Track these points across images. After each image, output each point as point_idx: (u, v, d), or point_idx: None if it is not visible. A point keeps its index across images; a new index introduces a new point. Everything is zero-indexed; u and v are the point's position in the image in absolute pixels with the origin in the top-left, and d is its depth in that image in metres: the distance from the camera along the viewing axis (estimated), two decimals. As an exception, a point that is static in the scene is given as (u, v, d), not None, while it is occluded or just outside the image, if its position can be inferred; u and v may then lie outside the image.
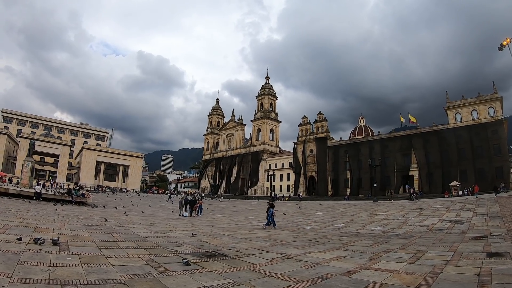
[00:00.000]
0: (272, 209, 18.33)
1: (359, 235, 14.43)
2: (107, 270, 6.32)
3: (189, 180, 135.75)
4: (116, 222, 16.75)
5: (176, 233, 13.83)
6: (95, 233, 11.79)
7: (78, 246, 8.61)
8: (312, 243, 11.85)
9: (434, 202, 31.79)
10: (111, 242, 9.96)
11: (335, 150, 68.00)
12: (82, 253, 7.68)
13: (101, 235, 11.41)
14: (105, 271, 6.23)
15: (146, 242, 10.55)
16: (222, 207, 38.10)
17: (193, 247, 10.20)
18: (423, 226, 16.64)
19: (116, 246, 9.34)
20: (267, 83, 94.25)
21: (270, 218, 18.13)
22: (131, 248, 9.15)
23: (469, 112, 52.18)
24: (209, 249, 9.82)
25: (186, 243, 11.05)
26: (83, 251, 7.94)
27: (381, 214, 24.30)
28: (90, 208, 25.43)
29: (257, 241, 12.15)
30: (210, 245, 10.76)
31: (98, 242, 9.62)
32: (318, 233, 15.59)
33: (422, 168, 54.58)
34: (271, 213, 18.20)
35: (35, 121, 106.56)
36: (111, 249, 8.69)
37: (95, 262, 6.85)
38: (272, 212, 18.19)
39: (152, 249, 9.23)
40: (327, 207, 34.49)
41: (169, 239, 11.83)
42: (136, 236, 12.03)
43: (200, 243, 11.11)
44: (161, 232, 13.80)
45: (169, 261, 7.66)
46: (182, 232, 14.21)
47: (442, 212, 22.09)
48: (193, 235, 12.98)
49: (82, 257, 7.25)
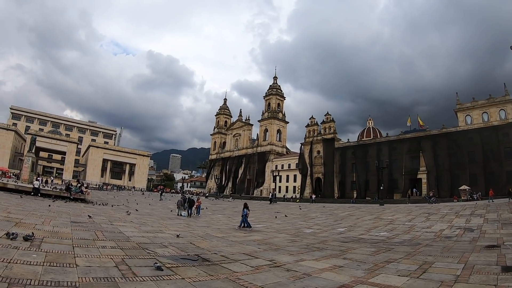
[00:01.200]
0: (246, 210, 17.86)
1: (361, 241, 13.46)
2: (68, 271, 5.86)
3: (195, 180, 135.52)
4: (107, 219, 16.20)
5: (165, 233, 13.18)
6: (78, 230, 11.30)
7: (51, 243, 8.19)
8: (308, 249, 10.96)
9: (442, 206, 30.47)
10: (90, 241, 9.43)
11: (342, 152, 66.74)
12: (51, 251, 7.28)
13: (83, 232, 10.93)
14: (64, 272, 5.78)
15: (128, 242, 9.97)
16: (224, 207, 37.36)
17: (177, 249, 9.55)
18: (431, 233, 15.54)
19: (93, 245, 8.83)
20: (275, 83, 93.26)
21: (244, 219, 17.73)
22: (107, 248, 8.63)
23: (479, 114, 50.69)
24: (192, 252, 9.12)
25: (171, 244, 10.42)
26: (53, 249, 7.53)
27: (387, 218, 23.15)
28: (87, 205, 25.03)
29: (249, 245, 11.34)
30: (196, 248, 10.08)
31: (75, 240, 9.18)
32: (318, 237, 14.68)
33: (430, 171, 53.17)
34: (245, 214, 17.79)
35: (44, 118, 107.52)
36: (85, 248, 8.22)
37: (59, 261, 6.42)
38: (246, 213, 17.73)
39: (130, 250, 8.68)
40: (331, 209, 33.43)
41: (154, 239, 11.20)
42: (121, 235, 11.45)
43: (186, 245, 10.43)
44: (150, 232, 13.16)
45: (142, 264, 7.05)
46: (172, 233, 13.53)
47: (451, 218, 20.85)
48: (177, 236, 12.29)
49: (49, 255, 6.84)
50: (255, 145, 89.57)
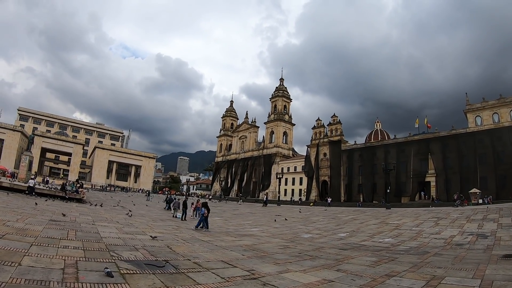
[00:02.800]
0: (203, 209, 16.78)
1: (362, 248, 12.19)
2: (5, 270, 5.36)
3: (201, 182, 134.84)
4: (92, 219, 15.52)
5: (146, 235, 12.31)
6: (51, 229, 10.79)
7: (9, 240, 7.79)
8: (299, 257, 9.78)
9: (452, 210, 28.79)
10: (55, 240, 8.82)
11: (349, 154, 65.14)
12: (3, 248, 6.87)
13: (55, 231, 10.34)
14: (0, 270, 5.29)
15: (97, 243, 9.23)
16: (224, 209, 36.28)
17: (148, 253, 8.68)
18: (440, 239, 14.12)
19: (55, 244, 8.22)
20: (281, 84, 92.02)
21: (202, 219, 16.68)
22: (69, 248, 7.97)
23: (490, 115, 48.93)
24: (163, 258, 8.22)
25: (145, 247, 9.59)
26: (7, 246, 7.10)
27: (393, 222, 21.67)
28: (80, 205, 24.40)
29: (233, 251, 10.27)
30: (170, 253, 9.17)
31: (40, 238, 8.69)
32: (315, 243, 13.46)
33: (439, 174, 51.45)
34: (202, 213, 16.77)
35: (51, 119, 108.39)
36: (43, 247, 7.69)
37: (4, 259, 6.00)
38: (204, 212, 16.61)
39: (93, 252, 7.98)
40: (334, 213, 32.01)
41: (129, 241, 10.40)
42: (95, 235, 10.75)
43: (160, 249, 9.53)
44: (130, 233, 12.36)
45: (94, 269, 6.30)
46: (154, 235, 12.67)
47: (462, 223, 19.29)
48: (153, 238, 11.47)
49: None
50: (261, 147, 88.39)
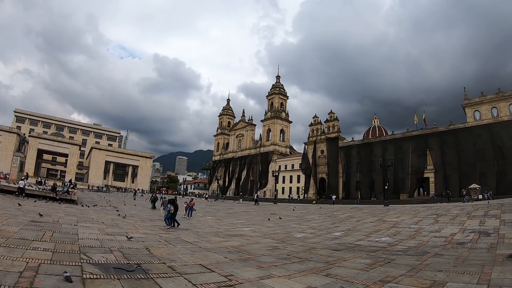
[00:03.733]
0: (170, 205, 16.14)
1: (357, 249, 11.40)
2: None
3: (199, 182, 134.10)
4: (76, 220, 15.06)
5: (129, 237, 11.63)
6: (28, 230, 10.40)
7: None
8: (287, 260, 9.01)
9: (452, 206, 28.09)
10: (27, 241, 8.46)
11: (346, 151, 64.42)
12: None
13: (30, 232, 10.02)
14: None
15: (70, 245, 8.79)
16: (218, 209, 35.55)
17: (121, 255, 8.13)
18: (440, 238, 13.34)
19: (25, 246, 7.87)
20: (278, 82, 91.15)
21: (167, 217, 16.19)
22: (38, 250, 7.58)
23: (488, 109, 48.29)
24: (138, 260, 7.66)
25: (122, 249, 9.06)
26: None
27: (391, 220, 20.92)
28: (69, 206, 23.87)
29: (216, 253, 9.56)
30: (147, 255, 8.57)
31: (11, 239, 8.42)
32: (307, 244, 12.68)
33: (438, 170, 50.82)
34: (168, 209, 16.09)
35: (47, 121, 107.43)
36: (11, 249, 7.39)
37: None
38: (170, 209, 16.01)
39: (62, 254, 7.55)
40: (331, 211, 31.30)
41: (107, 243, 9.87)
42: (72, 236, 10.31)
43: (137, 251, 8.97)
44: (111, 235, 11.82)
45: (55, 272, 5.86)
46: (136, 236, 12.21)
47: (463, 219, 18.47)
48: (128, 239, 10.93)
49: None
50: (258, 145, 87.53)
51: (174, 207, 16.04)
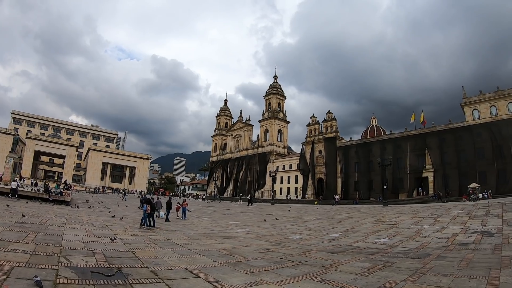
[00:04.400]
0: (146, 205, 16.02)
1: (355, 251, 10.84)
2: None
3: (197, 183, 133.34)
4: (65, 221, 14.68)
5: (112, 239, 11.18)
6: (12, 231, 10.15)
7: None
8: (280, 264, 8.46)
9: (452, 206, 27.60)
10: (6, 242, 8.22)
11: (344, 151, 63.94)
12: None
13: (13, 233, 9.74)
14: None
15: (51, 247, 8.38)
16: (214, 210, 34.96)
17: (103, 259, 7.67)
18: (442, 238, 12.78)
19: (4, 247, 7.63)
20: (275, 82, 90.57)
21: (144, 216, 16.00)
22: (15, 252, 7.28)
23: (487, 108, 47.91)
24: (118, 264, 7.19)
25: (106, 251, 8.64)
26: None
27: (390, 220, 20.38)
28: (61, 207, 23.39)
29: (205, 256, 9.08)
30: (130, 258, 8.08)
31: None
32: (302, 246, 12.12)
33: (437, 170, 50.42)
34: (144, 209, 15.92)
35: (45, 122, 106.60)
36: None
37: None
38: (146, 209, 15.88)
39: (40, 257, 7.15)
40: (329, 211, 30.76)
41: (91, 245, 9.44)
42: (55, 238, 9.92)
43: (120, 254, 8.51)
44: (98, 236, 11.39)
45: (27, 276, 5.48)
46: (125, 238, 11.80)
47: (464, 219, 17.98)
48: (112, 240, 10.49)
49: None
50: (255, 146, 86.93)
51: (151, 207, 15.86)
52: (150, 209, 15.78)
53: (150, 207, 15.84)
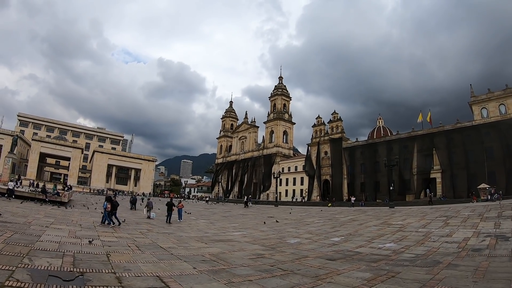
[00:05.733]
0: (106, 203, 15.90)
1: (356, 258, 9.86)
2: None
3: (202, 185, 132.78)
4: (53, 221, 14.21)
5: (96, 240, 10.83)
6: None
7: None
8: (268, 272, 7.56)
9: (462, 208, 26.29)
10: None
11: (350, 152, 62.70)
12: None
13: None
14: None
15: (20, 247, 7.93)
16: (215, 212, 34.06)
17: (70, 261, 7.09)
18: (452, 243, 11.68)
19: None
20: (280, 83, 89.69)
21: (105, 214, 15.74)
22: None
23: (496, 106, 46.52)
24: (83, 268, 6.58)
25: (78, 253, 8.04)
26: None
27: (396, 223, 19.24)
28: (55, 208, 22.82)
29: (186, 262, 8.38)
30: (101, 262, 7.41)
31: None
32: (299, 251, 11.16)
33: (445, 170, 49.08)
34: (105, 207, 15.89)
35: (51, 125, 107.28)
36: None
37: None
38: (106, 207, 15.76)
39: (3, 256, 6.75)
40: (332, 213, 29.69)
41: (65, 246, 8.86)
42: (31, 238, 9.45)
43: (91, 257, 7.86)
44: (77, 238, 10.79)
45: None
46: (108, 239, 11.26)
47: (475, 222, 16.78)
48: (90, 242, 9.92)
49: None
50: (261, 147, 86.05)
51: (112, 205, 15.70)
52: (110, 207, 15.62)
53: (111, 205, 15.69)
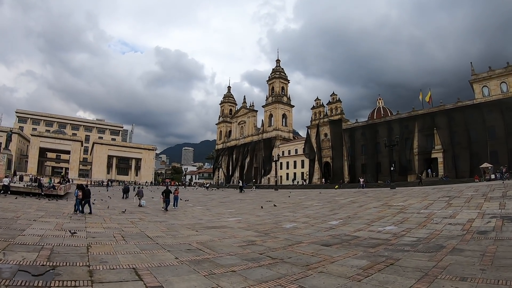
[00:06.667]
0: (77, 190, 15.94)
1: (353, 243, 9.29)
2: None
3: (203, 171, 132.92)
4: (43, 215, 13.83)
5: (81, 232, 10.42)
6: None
7: None
8: (255, 262, 7.01)
9: (465, 187, 25.68)
10: None
11: (351, 133, 62.01)
12: None
13: None
14: None
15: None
16: (213, 198, 33.78)
17: (46, 255, 6.67)
18: (456, 225, 11.03)
19: None
20: (278, 66, 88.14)
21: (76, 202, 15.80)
22: None
23: (497, 85, 45.62)
24: (57, 262, 6.16)
25: (57, 246, 7.62)
26: None
27: (397, 204, 18.64)
28: (51, 202, 22.63)
29: (169, 252, 7.92)
30: (78, 255, 6.99)
31: None
32: (293, 237, 10.63)
33: (447, 150, 48.54)
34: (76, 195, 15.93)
35: (49, 119, 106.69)
36: None
37: None
38: (77, 195, 15.82)
39: None
40: (332, 196, 29.24)
41: (47, 239, 8.48)
42: (13, 232, 9.17)
43: (69, 250, 7.47)
44: (63, 230, 10.39)
45: None
46: (93, 230, 10.95)
47: (479, 202, 16.11)
48: (72, 234, 9.52)
49: None
50: (260, 131, 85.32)
51: (83, 193, 15.61)
52: (81, 195, 15.56)
53: (82, 193, 15.62)
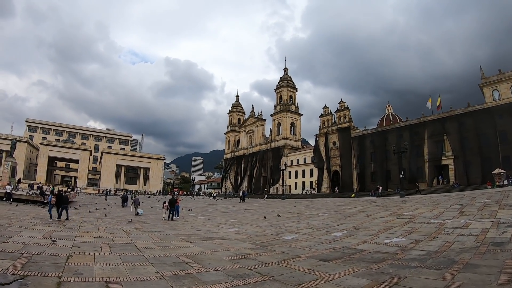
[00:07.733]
0: (51, 196, 16.59)
1: (355, 258, 8.55)
2: None
3: (212, 181, 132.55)
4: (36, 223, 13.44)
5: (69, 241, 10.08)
6: None
7: None
8: (241, 279, 6.45)
9: (477, 194, 24.52)
10: None
11: (359, 141, 60.89)
12: None
13: None
14: None
15: None
16: (217, 208, 33.10)
17: (20, 264, 6.39)
18: (469, 236, 10.21)
19: None
20: (286, 74, 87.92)
21: (49, 208, 16.25)
22: None
23: (508, 88, 44.45)
24: (30, 272, 5.93)
25: (36, 255, 7.30)
26: None
27: (406, 214, 17.70)
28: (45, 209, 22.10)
29: (152, 265, 7.46)
30: (55, 265, 6.66)
31: None
32: (292, 249, 9.97)
33: (457, 156, 47.18)
34: (50, 201, 16.44)
35: (59, 128, 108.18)
36: None
37: None
38: (51, 200, 16.36)
39: None
40: (339, 205, 28.25)
41: (31, 247, 8.30)
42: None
43: (47, 259, 7.14)
44: (50, 238, 10.03)
45: None
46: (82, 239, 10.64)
47: (493, 209, 15.11)
48: (52, 242, 9.29)
49: None
50: (268, 140, 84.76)
51: (56, 199, 15.85)
52: (55, 201, 15.89)
53: (56, 199, 15.92)
